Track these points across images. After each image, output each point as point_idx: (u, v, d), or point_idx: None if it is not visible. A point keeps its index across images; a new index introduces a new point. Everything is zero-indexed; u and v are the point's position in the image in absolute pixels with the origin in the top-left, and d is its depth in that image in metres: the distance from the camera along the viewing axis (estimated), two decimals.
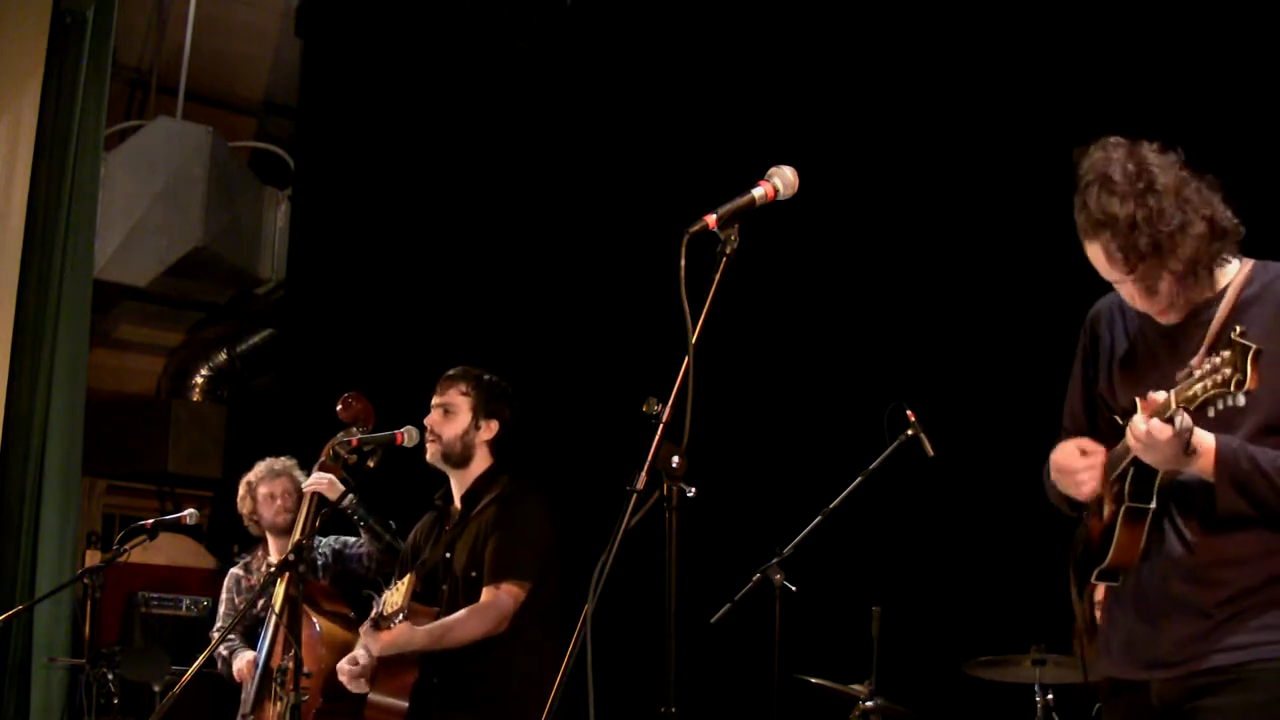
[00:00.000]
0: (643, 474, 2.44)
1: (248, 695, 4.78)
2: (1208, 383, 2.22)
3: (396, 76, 7.89)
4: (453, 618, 3.95)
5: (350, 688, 4.02)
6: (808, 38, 6.21)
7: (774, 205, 2.64)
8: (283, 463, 5.39)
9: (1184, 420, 2.27)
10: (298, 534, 4.69)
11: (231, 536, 7.13)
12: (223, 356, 9.91)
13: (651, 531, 2.46)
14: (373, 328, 7.58)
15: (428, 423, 4.15)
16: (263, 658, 4.69)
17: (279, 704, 4.24)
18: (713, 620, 4.65)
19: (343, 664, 4.06)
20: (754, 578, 4.64)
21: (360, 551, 5.06)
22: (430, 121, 7.72)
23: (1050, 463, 2.64)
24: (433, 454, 4.15)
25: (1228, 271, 2.53)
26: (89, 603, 5.37)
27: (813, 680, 4.66)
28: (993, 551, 5.09)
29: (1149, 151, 2.47)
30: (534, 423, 4.47)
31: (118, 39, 7.62)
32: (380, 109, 7.95)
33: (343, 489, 4.51)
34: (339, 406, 4.63)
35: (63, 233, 7.09)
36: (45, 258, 7.07)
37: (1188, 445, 2.32)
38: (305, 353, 8.09)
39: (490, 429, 4.17)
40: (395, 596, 3.89)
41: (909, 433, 4.63)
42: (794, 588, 4.59)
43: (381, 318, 7.58)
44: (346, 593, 4.86)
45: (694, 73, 6.56)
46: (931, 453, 4.61)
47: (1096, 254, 2.49)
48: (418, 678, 3.98)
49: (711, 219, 2.53)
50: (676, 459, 2.45)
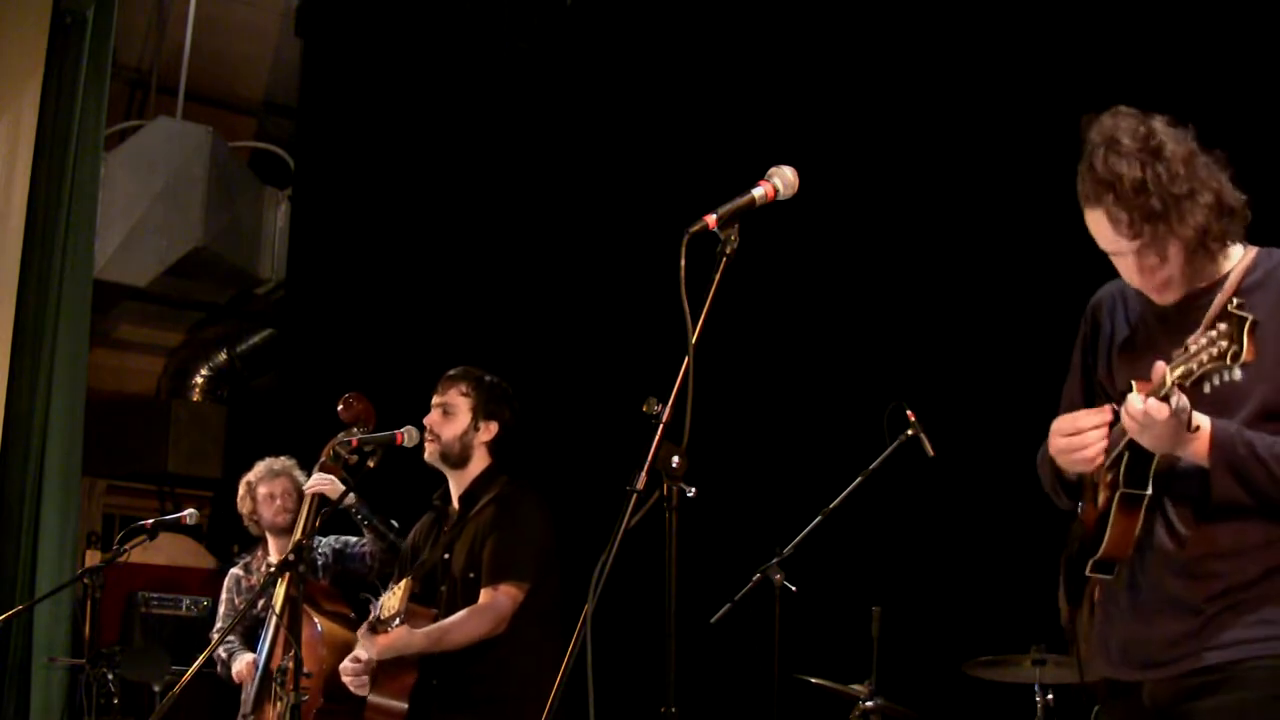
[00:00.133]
0: (643, 474, 2.44)
1: (248, 695, 4.78)
2: (1204, 356, 2.17)
3: (396, 76, 7.89)
4: (451, 620, 3.95)
5: (353, 687, 4.02)
6: (808, 38, 6.21)
7: (774, 205, 2.64)
8: (282, 463, 5.39)
9: (1181, 399, 2.21)
10: (298, 534, 4.69)
11: (231, 536, 7.13)
12: (223, 356, 9.91)
13: (651, 531, 2.46)
14: (373, 328, 7.58)
15: (427, 422, 4.15)
16: (263, 658, 4.69)
17: (279, 704, 4.24)
18: (713, 620, 4.65)
19: (346, 663, 4.05)
20: (754, 578, 4.64)
21: (362, 551, 5.06)
22: (430, 121, 7.72)
23: (1048, 440, 2.53)
24: (431, 454, 4.15)
25: (1231, 257, 2.47)
26: (89, 603, 5.37)
27: (813, 680, 4.66)
28: (993, 551, 5.08)
29: (1159, 122, 2.43)
30: (534, 422, 4.47)
31: (118, 39, 7.62)
32: (380, 109, 7.95)
33: (343, 489, 4.51)
34: (340, 407, 4.64)
35: (63, 233, 7.09)
36: (45, 258, 7.07)
37: (1188, 423, 2.26)
38: (305, 353, 8.09)
39: (489, 430, 4.17)
40: (392, 600, 3.89)
41: (909, 433, 4.63)
42: (794, 588, 4.59)
43: (381, 318, 7.58)
44: (347, 593, 4.86)
45: (694, 73, 6.56)
46: (931, 453, 4.61)
47: (1099, 220, 2.42)
48: (417, 679, 3.98)
49: (711, 219, 2.53)
50: (676, 459, 2.45)
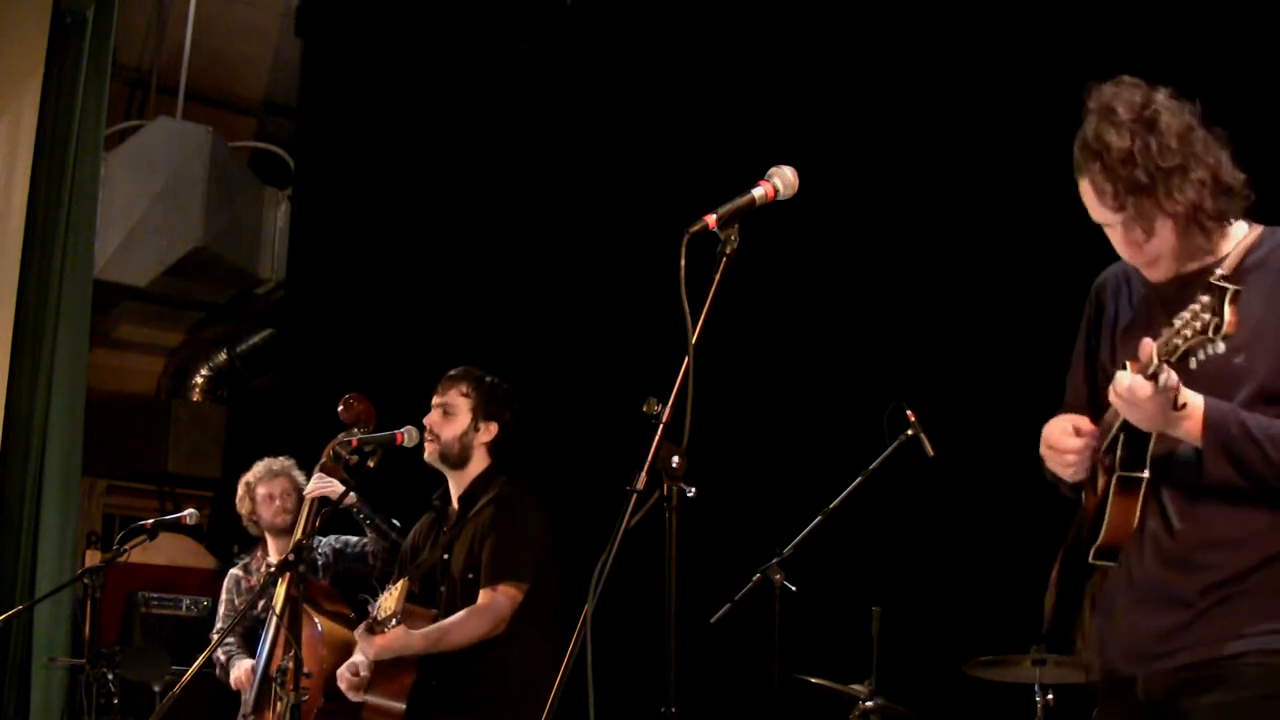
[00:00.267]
0: (643, 474, 2.44)
1: (249, 696, 4.79)
2: (1187, 330, 2.12)
3: (396, 76, 7.89)
4: (450, 620, 3.95)
5: (350, 697, 4.03)
6: (807, 38, 6.20)
7: (774, 205, 2.64)
8: (281, 463, 5.38)
9: (1168, 377, 2.17)
10: (298, 534, 4.69)
11: (231, 536, 7.13)
12: (223, 356, 9.91)
13: (651, 531, 2.46)
14: (373, 328, 7.58)
15: (427, 423, 4.15)
16: (264, 658, 4.70)
17: (279, 704, 4.24)
18: (713, 620, 4.65)
19: (343, 671, 4.05)
20: (754, 578, 4.64)
21: (363, 550, 5.06)
22: (430, 121, 7.71)
23: (1042, 436, 2.52)
24: (431, 454, 4.15)
25: (1233, 236, 2.42)
26: (89, 603, 5.37)
27: (813, 680, 4.66)
28: (993, 551, 5.08)
29: (1161, 94, 2.38)
30: (534, 422, 4.47)
31: (118, 39, 7.62)
32: (380, 109, 7.95)
33: (342, 490, 4.51)
34: (340, 407, 4.63)
35: (63, 233, 7.09)
36: (45, 258, 7.07)
37: (1175, 401, 2.21)
38: (305, 353, 8.09)
39: (489, 431, 4.17)
40: (389, 601, 3.89)
41: (909, 433, 4.63)
42: (794, 588, 4.59)
43: (381, 318, 7.58)
44: (348, 592, 4.86)
45: (694, 73, 6.56)
46: (931, 453, 4.61)
47: (1086, 190, 2.39)
48: (415, 680, 3.98)
49: (711, 219, 2.53)
50: (676, 459, 2.45)
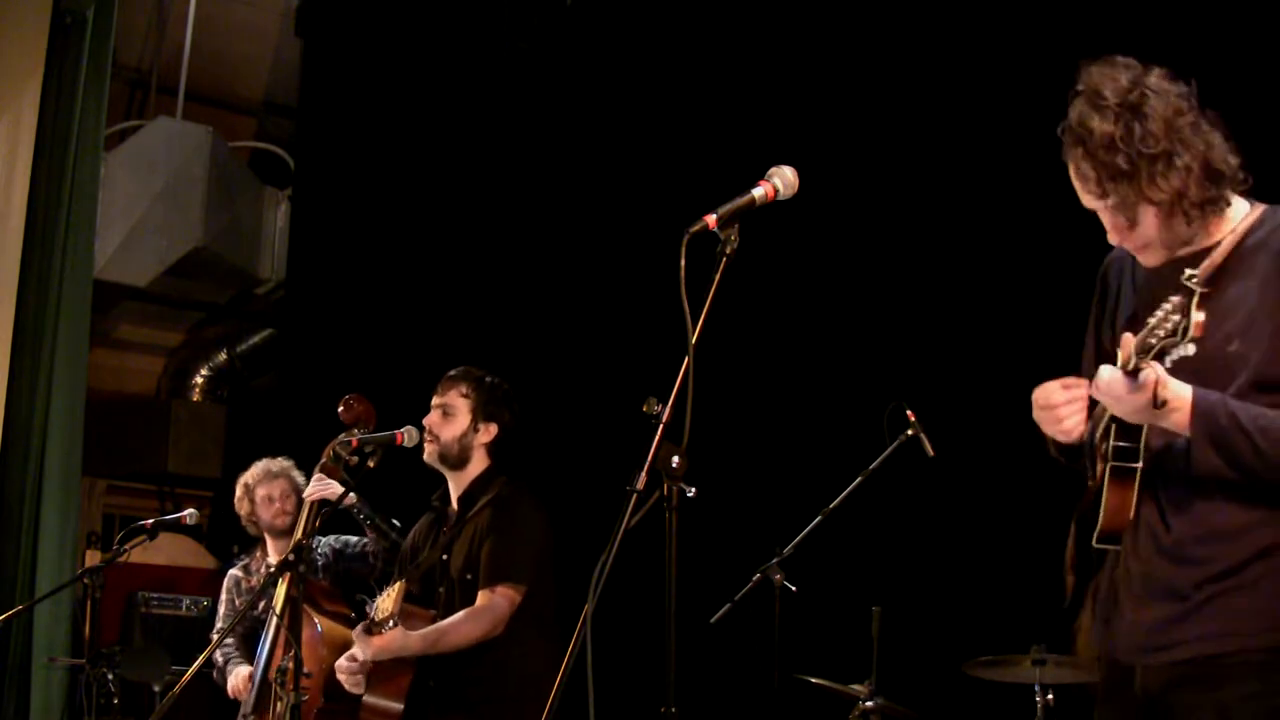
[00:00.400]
0: (643, 474, 2.44)
1: (249, 696, 4.79)
2: (1160, 330, 2.10)
3: (396, 76, 7.89)
4: (448, 622, 3.95)
5: (348, 686, 4.02)
6: (807, 38, 6.20)
7: (774, 205, 2.64)
8: (280, 464, 5.37)
9: (1145, 375, 2.14)
10: (299, 534, 4.69)
11: (231, 536, 7.13)
12: (223, 356, 9.91)
13: (651, 531, 2.46)
14: (373, 328, 7.58)
15: (426, 423, 4.14)
16: (264, 658, 4.69)
17: (279, 704, 4.24)
18: (713, 620, 4.65)
19: (341, 662, 4.05)
20: (754, 578, 4.64)
21: (363, 550, 5.05)
22: (430, 121, 7.71)
23: (1033, 400, 2.48)
24: (430, 454, 4.15)
25: (1232, 217, 2.36)
26: (89, 603, 5.37)
27: (813, 680, 4.66)
28: (993, 551, 5.08)
29: (1153, 76, 2.32)
30: (534, 422, 4.47)
31: (118, 39, 7.63)
32: (380, 109, 7.95)
33: (341, 490, 4.50)
34: (340, 408, 4.63)
35: (63, 233, 7.09)
36: (45, 258, 7.08)
37: (1154, 399, 2.17)
38: (305, 353, 8.09)
39: (489, 432, 4.16)
40: (386, 603, 3.89)
41: (909, 433, 4.63)
42: (794, 588, 4.59)
43: (381, 318, 7.58)
44: (348, 592, 4.86)
45: (694, 73, 6.56)
46: (931, 453, 4.60)
47: (1072, 174, 2.37)
48: (413, 680, 3.98)
49: (711, 219, 2.52)
50: (676, 459, 2.45)
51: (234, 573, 5.45)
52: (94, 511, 9.68)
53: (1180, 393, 2.23)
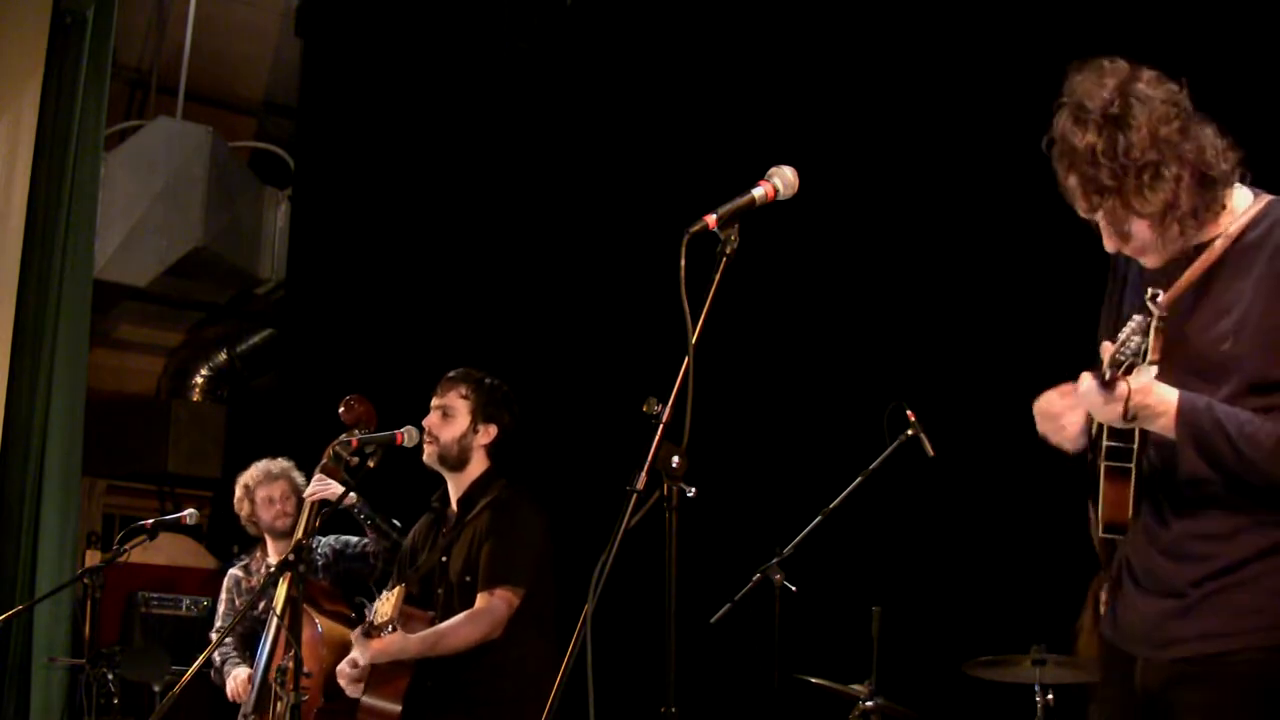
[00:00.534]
0: (643, 474, 2.44)
1: (250, 696, 4.79)
2: (1127, 350, 2.09)
3: (396, 76, 7.89)
4: (446, 624, 3.95)
5: (349, 691, 4.02)
6: (807, 38, 6.20)
7: (774, 205, 2.64)
8: (280, 465, 5.37)
9: (1121, 387, 2.13)
10: (299, 534, 4.69)
11: (231, 536, 7.13)
12: (223, 356, 9.91)
13: (651, 531, 2.46)
14: (373, 328, 7.58)
15: (426, 424, 4.14)
16: (264, 658, 4.69)
17: (279, 704, 4.24)
18: (713, 620, 4.65)
19: (343, 666, 4.05)
20: (754, 578, 4.64)
21: (364, 551, 5.05)
22: (430, 121, 7.71)
23: (1034, 411, 2.47)
24: (429, 455, 4.14)
25: (1234, 209, 2.31)
26: (89, 603, 5.37)
27: (813, 680, 4.66)
28: (993, 551, 5.08)
29: (1141, 82, 2.26)
30: (534, 422, 4.47)
31: (118, 39, 7.63)
32: (380, 109, 7.95)
33: (341, 490, 4.50)
34: (341, 409, 4.62)
35: (63, 233, 7.10)
36: (45, 258, 7.08)
37: (1124, 413, 2.17)
38: (305, 353, 8.09)
39: (488, 433, 4.16)
40: (385, 607, 3.88)
41: (909, 433, 4.63)
42: (794, 588, 4.59)
43: (381, 318, 7.58)
44: (348, 593, 4.86)
45: (694, 73, 6.56)
46: (931, 453, 4.60)
47: (1061, 185, 2.33)
48: (411, 682, 3.98)
49: (711, 219, 2.53)
50: (676, 459, 2.45)
51: (234, 572, 5.45)
52: (94, 511, 9.68)
53: (1166, 397, 2.21)
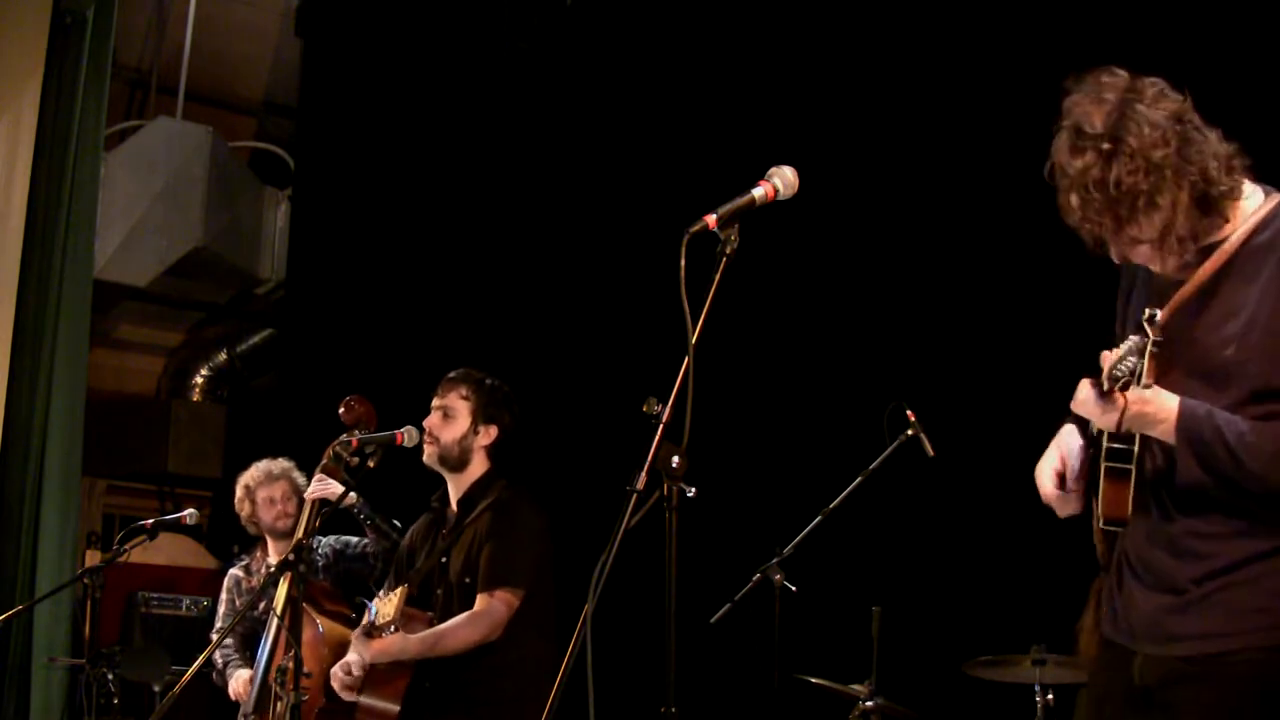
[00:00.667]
0: (643, 474, 2.44)
1: (250, 696, 4.79)
2: (1122, 367, 2.09)
3: (396, 76, 7.89)
4: (446, 625, 3.95)
5: (343, 697, 4.03)
6: (807, 38, 6.20)
7: (774, 205, 2.64)
8: (281, 465, 5.36)
9: (1119, 399, 2.12)
10: (299, 534, 4.69)
11: (231, 536, 7.14)
12: (223, 356, 9.92)
13: (651, 531, 2.46)
14: (373, 328, 7.58)
15: (426, 425, 4.13)
16: (265, 658, 4.69)
17: (279, 704, 4.24)
18: (713, 620, 4.65)
19: (336, 671, 4.05)
20: (754, 578, 4.64)
21: (364, 551, 5.05)
22: (430, 121, 7.72)
23: (1035, 472, 2.52)
24: (429, 456, 4.14)
25: (1244, 208, 2.29)
26: (89, 603, 5.38)
27: (813, 680, 4.66)
28: (993, 551, 5.08)
29: (1142, 102, 2.23)
30: (534, 422, 4.46)
31: (118, 39, 7.63)
32: (380, 109, 7.95)
33: (341, 490, 4.50)
34: (341, 409, 4.62)
35: (63, 233, 7.10)
36: (45, 258, 7.08)
37: (1118, 425, 2.17)
38: (305, 353, 8.09)
39: (489, 434, 4.16)
40: (387, 607, 3.88)
41: (909, 433, 4.63)
42: (794, 588, 4.59)
43: (381, 318, 7.58)
44: (348, 593, 4.86)
45: (694, 73, 6.55)
46: (931, 453, 4.60)
47: (1060, 205, 2.32)
48: (410, 682, 3.98)
49: (711, 219, 2.53)
50: (676, 459, 2.45)
51: (234, 572, 5.44)
52: (94, 511, 9.68)
53: (1166, 404, 2.21)
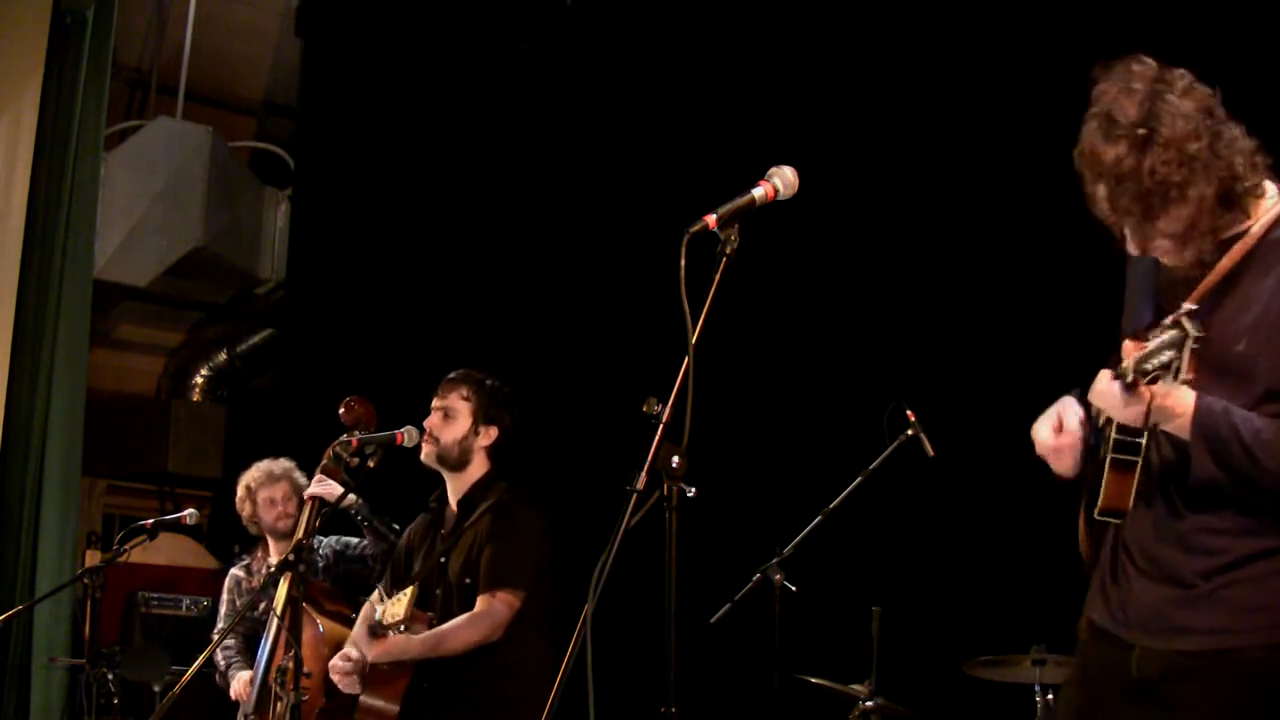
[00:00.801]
0: (643, 474, 2.44)
1: (250, 696, 4.79)
2: (1154, 360, 2.07)
3: (396, 76, 7.90)
4: (448, 626, 3.95)
5: (342, 686, 4.02)
6: (807, 38, 6.20)
7: (774, 205, 2.64)
8: (282, 465, 5.36)
9: (1144, 392, 2.11)
10: (300, 534, 4.68)
11: (231, 536, 7.14)
12: (223, 356, 9.92)
13: (651, 531, 2.46)
14: (373, 328, 7.58)
15: (427, 425, 4.13)
16: (265, 658, 4.69)
17: (279, 704, 4.24)
18: (713, 620, 4.65)
19: (335, 660, 4.05)
20: (754, 578, 4.64)
21: (364, 553, 5.05)
22: (430, 121, 7.72)
23: (1033, 436, 2.48)
24: (428, 455, 4.14)
25: (1264, 206, 2.28)
26: (89, 603, 5.38)
27: (813, 680, 4.66)
28: (993, 551, 5.08)
29: (1172, 92, 2.22)
30: (534, 422, 4.46)
31: (118, 39, 7.63)
32: (380, 109, 7.96)
33: (341, 491, 4.50)
34: (341, 410, 4.61)
35: (63, 233, 7.10)
36: (45, 258, 7.08)
37: (1145, 418, 2.16)
38: (305, 353, 8.09)
39: (489, 435, 4.16)
40: (396, 608, 3.87)
41: (909, 433, 4.62)
42: (794, 588, 4.59)
43: (381, 318, 7.58)
44: (348, 594, 4.86)
45: (694, 72, 6.55)
46: (931, 453, 4.60)
47: (1086, 191, 2.29)
48: (410, 683, 3.98)
49: (711, 219, 2.53)
50: (676, 459, 2.45)
51: (235, 572, 5.44)
52: (94, 511, 9.69)
53: (1183, 399, 2.21)
